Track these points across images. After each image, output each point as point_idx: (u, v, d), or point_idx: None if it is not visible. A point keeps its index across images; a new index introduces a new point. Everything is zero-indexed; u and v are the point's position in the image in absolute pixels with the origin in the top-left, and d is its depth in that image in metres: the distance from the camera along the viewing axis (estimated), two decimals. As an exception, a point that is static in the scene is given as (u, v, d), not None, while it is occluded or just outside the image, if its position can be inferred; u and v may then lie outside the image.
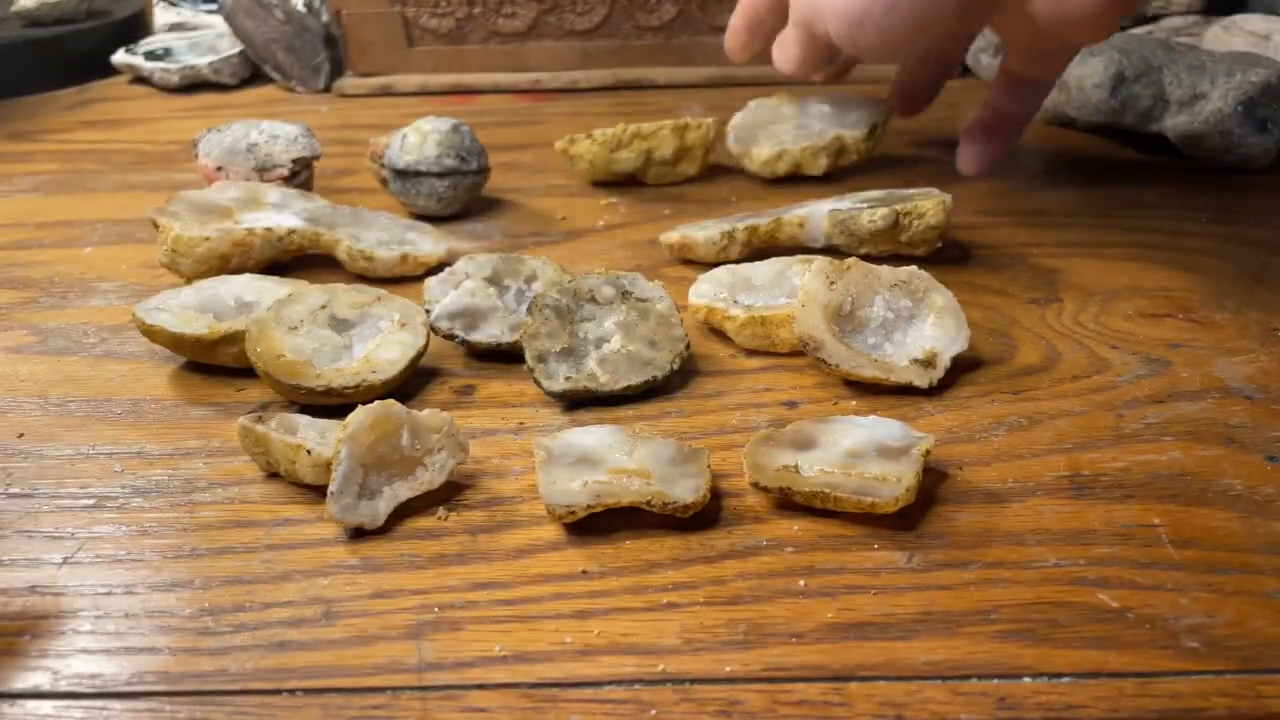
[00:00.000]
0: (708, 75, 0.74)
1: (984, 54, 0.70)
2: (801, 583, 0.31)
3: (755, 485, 0.33)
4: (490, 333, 0.42)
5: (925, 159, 0.60)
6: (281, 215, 0.48)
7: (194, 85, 0.78)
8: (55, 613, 0.30)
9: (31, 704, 0.27)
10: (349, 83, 0.75)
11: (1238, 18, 0.65)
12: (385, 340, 0.40)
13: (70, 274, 0.51)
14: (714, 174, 0.59)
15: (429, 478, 0.34)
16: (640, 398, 0.39)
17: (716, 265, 0.47)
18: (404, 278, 0.48)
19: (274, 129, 0.55)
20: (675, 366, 0.40)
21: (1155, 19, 0.70)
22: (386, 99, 0.74)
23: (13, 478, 0.36)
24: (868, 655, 0.28)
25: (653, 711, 0.27)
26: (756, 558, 0.32)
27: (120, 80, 0.80)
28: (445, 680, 0.28)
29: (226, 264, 0.47)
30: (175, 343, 0.41)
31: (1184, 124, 0.56)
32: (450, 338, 0.41)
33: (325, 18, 0.77)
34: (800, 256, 0.44)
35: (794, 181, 0.57)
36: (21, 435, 0.38)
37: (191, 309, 0.41)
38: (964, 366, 0.40)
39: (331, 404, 0.38)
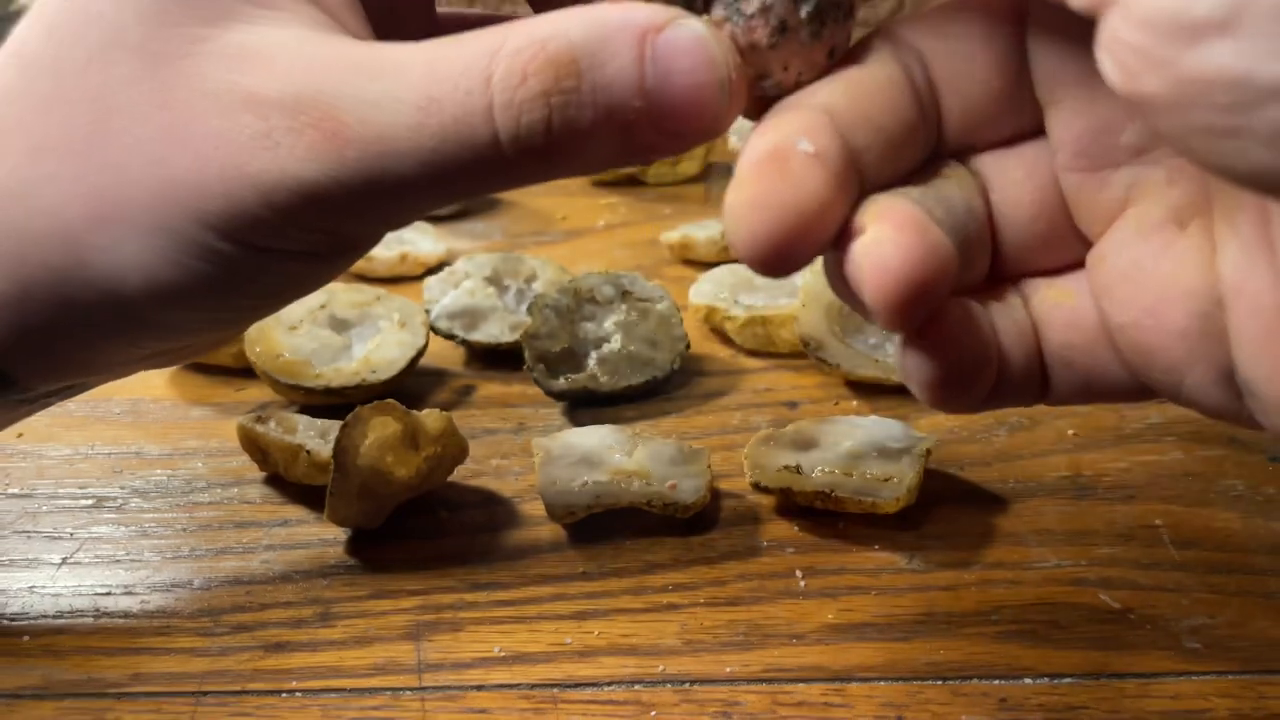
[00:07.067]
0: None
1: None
2: (802, 583, 0.31)
3: (756, 486, 0.33)
4: (490, 333, 0.41)
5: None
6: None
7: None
8: (55, 613, 0.30)
9: (31, 704, 0.27)
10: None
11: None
12: (385, 340, 0.40)
13: (70, 273, 0.51)
14: (714, 173, 0.59)
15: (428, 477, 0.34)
16: (640, 398, 0.39)
17: (717, 265, 0.47)
18: (403, 277, 0.48)
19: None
20: (675, 366, 0.40)
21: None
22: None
23: (12, 478, 0.36)
24: (868, 656, 0.28)
25: (653, 712, 0.27)
26: (757, 559, 0.31)
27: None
28: (445, 680, 0.28)
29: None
30: (175, 342, 0.40)
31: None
32: (450, 338, 0.41)
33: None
34: (801, 256, 0.44)
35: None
36: (21, 435, 0.38)
37: (191, 309, 0.41)
38: (965, 366, 0.40)
39: (331, 404, 0.38)
